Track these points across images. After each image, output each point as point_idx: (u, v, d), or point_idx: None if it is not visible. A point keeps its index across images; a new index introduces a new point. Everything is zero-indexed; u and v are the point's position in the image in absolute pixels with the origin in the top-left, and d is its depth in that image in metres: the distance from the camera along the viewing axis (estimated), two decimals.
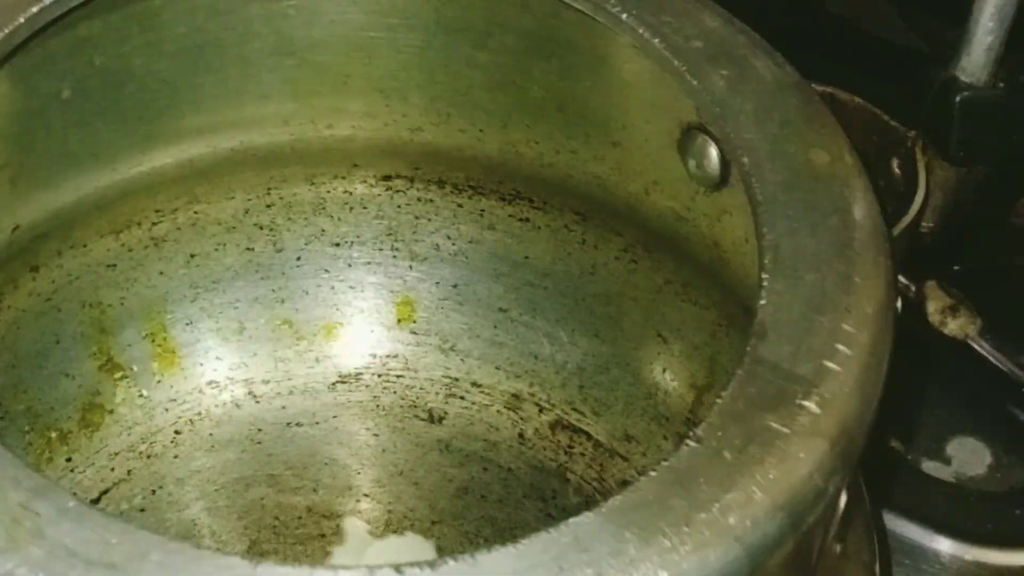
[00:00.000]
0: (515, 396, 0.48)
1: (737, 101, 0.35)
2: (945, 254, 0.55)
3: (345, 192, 0.48)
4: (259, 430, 0.48)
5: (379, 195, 0.49)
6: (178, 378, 0.48)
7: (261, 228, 0.48)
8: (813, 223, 0.33)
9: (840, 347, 0.30)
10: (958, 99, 0.48)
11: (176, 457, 0.47)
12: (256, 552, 0.46)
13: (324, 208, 0.48)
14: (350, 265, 0.49)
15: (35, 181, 0.42)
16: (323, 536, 0.48)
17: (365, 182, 0.48)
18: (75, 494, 0.28)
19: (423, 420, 0.49)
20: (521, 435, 0.48)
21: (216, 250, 0.48)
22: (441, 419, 0.49)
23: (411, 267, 0.49)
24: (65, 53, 0.40)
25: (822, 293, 0.31)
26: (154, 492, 0.47)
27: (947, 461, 0.54)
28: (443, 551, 0.47)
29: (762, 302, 0.31)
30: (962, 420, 0.55)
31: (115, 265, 0.46)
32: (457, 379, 0.49)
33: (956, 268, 0.56)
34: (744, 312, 0.39)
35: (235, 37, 0.43)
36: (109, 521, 0.26)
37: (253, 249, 0.48)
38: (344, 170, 0.48)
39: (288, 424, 0.48)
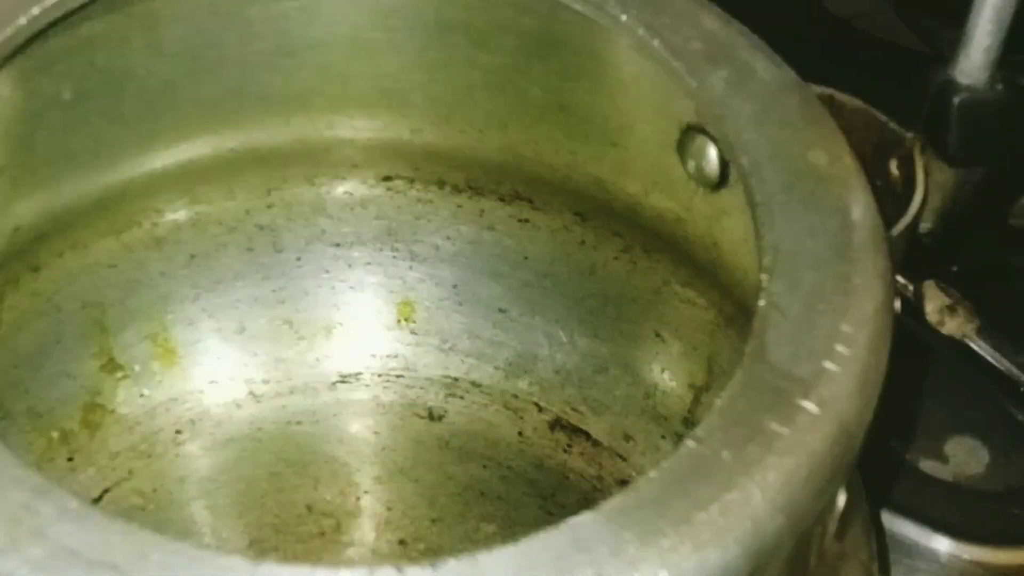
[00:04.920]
0: (514, 396, 0.49)
1: (736, 102, 0.36)
2: (944, 254, 0.55)
3: (345, 192, 0.48)
4: (259, 429, 0.48)
5: (379, 195, 0.49)
6: (179, 378, 0.48)
7: (261, 228, 0.48)
8: (812, 224, 0.33)
9: (839, 347, 0.30)
10: (956, 100, 0.48)
11: (177, 456, 0.47)
12: (256, 550, 0.47)
13: (324, 208, 0.49)
14: (350, 265, 0.49)
15: (36, 181, 0.42)
16: (323, 534, 0.48)
17: (365, 182, 0.48)
18: (76, 494, 0.28)
19: (423, 419, 0.49)
20: (520, 434, 0.48)
21: (217, 250, 0.48)
22: (441, 418, 0.49)
23: (411, 267, 0.49)
24: (66, 54, 0.40)
25: (821, 293, 0.31)
26: (155, 491, 0.47)
27: (945, 460, 0.54)
28: (443, 550, 0.47)
29: (761, 302, 0.31)
30: (960, 419, 0.55)
31: (116, 265, 0.46)
32: (457, 379, 0.49)
33: (955, 268, 0.56)
34: (743, 312, 0.39)
35: (235, 37, 0.43)
36: (110, 521, 0.26)
37: (254, 249, 0.48)
38: (344, 170, 0.48)
39: (288, 423, 0.49)
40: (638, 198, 0.44)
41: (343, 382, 0.49)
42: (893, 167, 0.48)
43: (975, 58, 0.47)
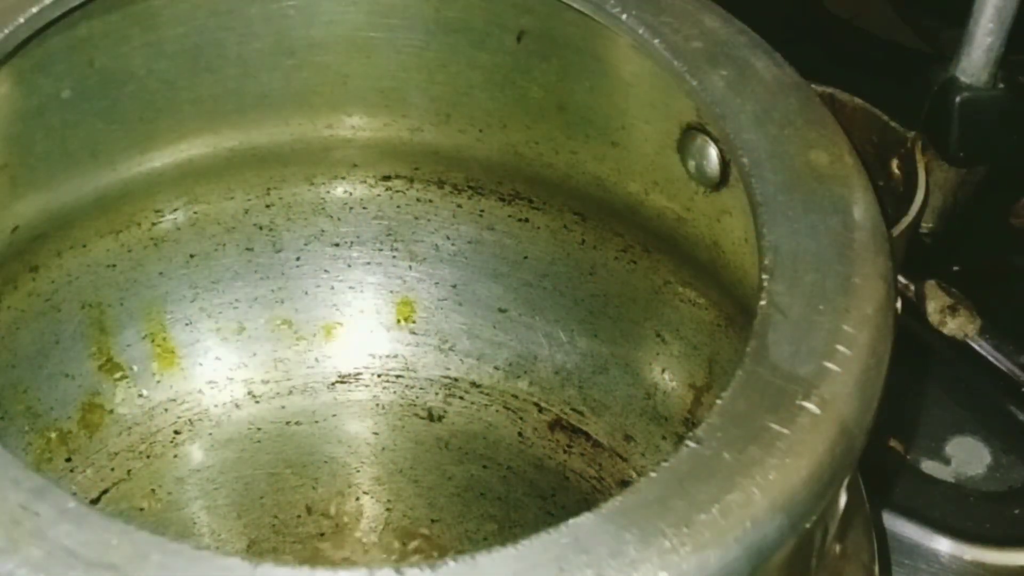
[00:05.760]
0: (514, 396, 0.48)
1: (737, 101, 0.36)
2: (945, 254, 0.55)
3: (345, 192, 0.48)
4: (259, 429, 0.48)
5: (379, 195, 0.49)
6: (178, 378, 0.48)
7: (261, 228, 0.48)
8: (813, 223, 0.33)
9: (840, 347, 0.30)
10: (958, 100, 0.48)
11: (176, 457, 0.47)
12: (255, 551, 0.47)
13: (324, 208, 0.48)
14: (349, 265, 0.49)
15: (35, 181, 0.42)
16: (322, 535, 0.48)
17: (365, 182, 0.48)
18: (75, 494, 0.28)
19: (423, 419, 0.49)
20: (520, 434, 0.48)
21: (216, 250, 0.48)
22: (440, 418, 0.49)
23: (410, 267, 0.49)
24: (65, 53, 0.40)
25: (822, 294, 0.31)
26: (154, 492, 0.47)
27: (946, 461, 0.54)
28: (443, 550, 0.47)
29: (762, 302, 0.31)
30: (961, 420, 0.55)
31: (115, 265, 0.46)
32: (456, 379, 0.49)
33: (956, 268, 0.56)
34: (743, 312, 0.39)
35: (235, 37, 0.43)
36: (109, 521, 0.26)
37: (253, 249, 0.48)
38: (344, 170, 0.48)
39: (287, 423, 0.49)
40: (638, 198, 0.44)
41: (342, 382, 0.49)
42: (894, 167, 0.48)
43: (976, 57, 0.47)
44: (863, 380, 0.30)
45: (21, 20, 0.37)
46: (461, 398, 0.49)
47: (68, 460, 0.46)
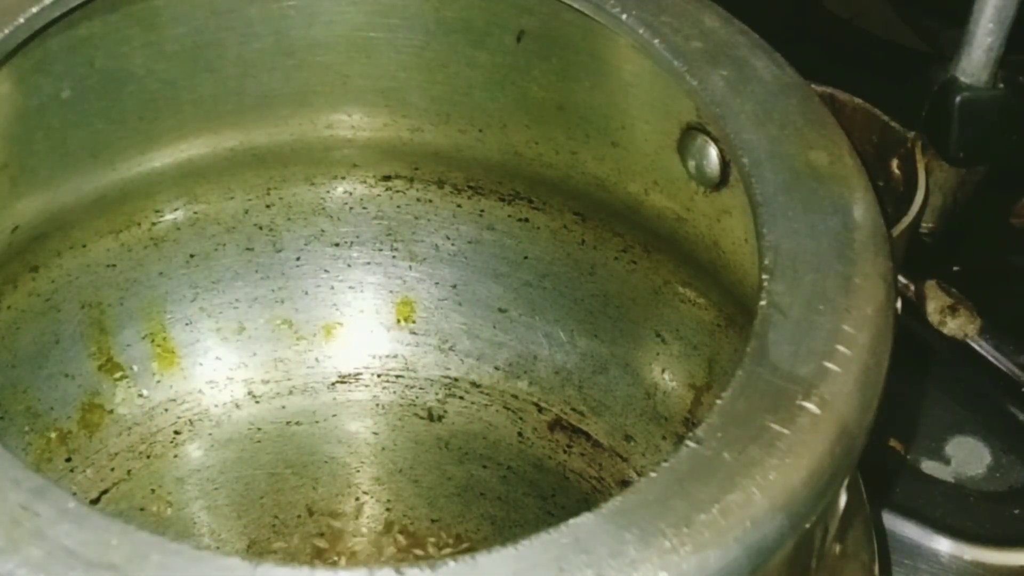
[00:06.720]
0: (514, 396, 0.48)
1: (737, 101, 0.36)
2: (945, 254, 0.55)
3: (345, 192, 0.48)
4: (259, 429, 0.48)
5: (379, 195, 0.49)
6: (178, 378, 0.48)
7: (261, 228, 0.48)
8: (813, 223, 0.33)
9: (840, 347, 0.30)
10: (958, 100, 0.48)
11: (176, 457, 0.47)
12: (255, 551, 0.47)
13: (324, 208, 0.48)
14: (349, 265, 0.49)
15: (35, 181, 0.42)
16: (322, 535, 0.48)
17: (365, 182, 0.48)
18: (75, 495, 0.28)
19: (422, 419, 0.49)
20: (520, 434, 0.48)
21: (216, 250, 0.48)
22: (440, 418, 0.49)
23: (410, 267, 0.49)
24: (65, 53, 0.40)
25: (822, 294, 0.31)
26: (153, 492, 0.47)
27: (946, 461, 0.54)
28: (443, 550, 0.47)
29: (762, 302, 0.31)
30: (961, 420, 0.55)
31: (115, 265, 0.46)
32: (456, 379, 0.49)
33: (956, 268, 0.56)
34: (743, 312, 0.39)
35: (235, 37, 0.43)
36: (109, 522, 0.26)
37: (253, 249, 0.48)
38: (344, 170, 0.48)
39: (287, 423, 0.49)
40: (638, 198, 0.44)
41: (342, 382, 0.49)
42: (894, 167, 0.48)
43: (976, 57, 0.47)
44: (863, 380, 0.30)
45: (21, 20, 0.37)
46: (461, 398, 0.49)
47: (68, 460, 0.46)
